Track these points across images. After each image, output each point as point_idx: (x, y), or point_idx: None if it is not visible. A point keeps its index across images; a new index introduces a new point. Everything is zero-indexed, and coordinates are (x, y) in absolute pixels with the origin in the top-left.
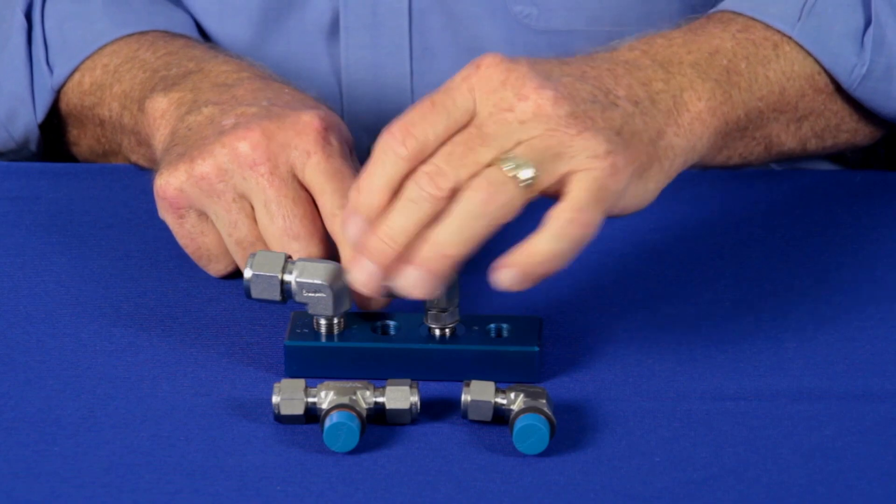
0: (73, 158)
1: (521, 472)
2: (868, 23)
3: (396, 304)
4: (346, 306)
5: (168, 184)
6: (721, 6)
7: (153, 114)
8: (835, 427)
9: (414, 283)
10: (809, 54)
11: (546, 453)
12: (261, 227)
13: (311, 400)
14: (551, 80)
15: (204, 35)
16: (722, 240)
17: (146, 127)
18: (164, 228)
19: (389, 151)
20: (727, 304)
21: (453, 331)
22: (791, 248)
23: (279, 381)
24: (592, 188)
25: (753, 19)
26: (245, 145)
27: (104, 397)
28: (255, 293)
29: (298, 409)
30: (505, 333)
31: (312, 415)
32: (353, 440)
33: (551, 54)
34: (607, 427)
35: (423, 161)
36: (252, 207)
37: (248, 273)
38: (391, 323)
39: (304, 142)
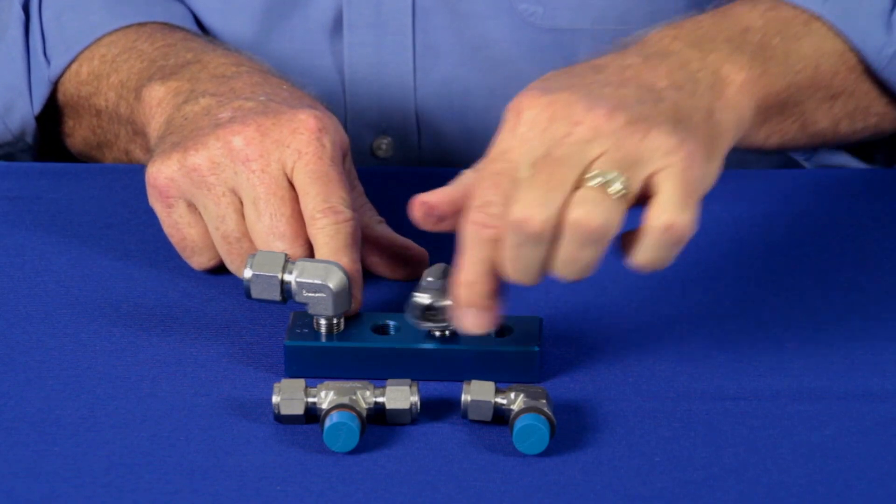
0: (67, 151)
1: (521, 472)
2: (895, 3)
3: (397, 305)
4: (346, 306)
5: (160, 172)
6: None
7: (150, 102)
8: (835, 427)
9: None
10: (838, 34)
11: (546, 453)
12: (248, 223)
13: (311, 400)
14: (595, 98)
15: (206, 32)
16: (722, 240)
17: (142, 115)
18: (163, 228)
19: (477, 237)
20: (727, 304)
21: (453, 331)
22: (791, 248)
23: (279, 381)
24: (680, 183)
25: (781, 0)
26: (239, 140)
27: (104, 397)
28: (255, 293)
29: (298, 409)
30: (505, 333)
31: (312, 415)
32: (353, 440)
33: (557, 53)
34: (607, 427)
35: None
36: (241, 202)
37: (248, 273)
38: (391, 323)
39: (297, 141)
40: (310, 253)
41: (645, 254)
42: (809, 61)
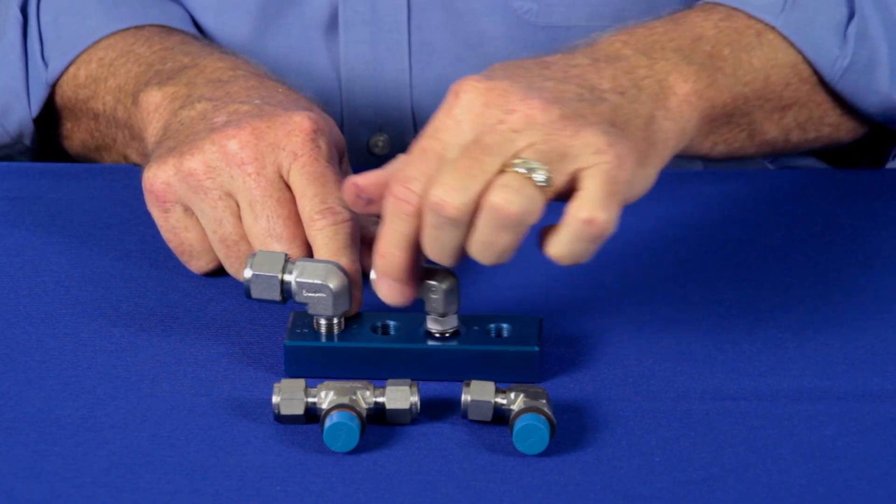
0: (65, 153)
1: (521, 472)
2: (851, 16)
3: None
4: (346, 306)
5: (156, 177)
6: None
7: (147, 107)
8: (835, 427)
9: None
10: (792, 45)
11: (546, 453)
12: (245, 226)
13: (311, 400)
14: (534, 89)
15: (202, 31)
16: (722, 240)
17: (139, 120)
18: None
19: (397, 212)
20: (727, 304)
21: (454, 331)
22: (791, 248)
23: (279, 381)
24: (605, 181)
25: (736, 9)
26: (234, 144)
27: (104, 397)
28: (255, 293)
29: (298, 409)
30: (505, 333)
31: (312, 415)
32: (353, 440)
33: (552, 50)
34: (607, 427)
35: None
36: (238, 206)
37: (248, 273)
38: (391, 323)
39: (292, 143)
40: (308, 254)
41: (562, 245)
42: (760, 73)
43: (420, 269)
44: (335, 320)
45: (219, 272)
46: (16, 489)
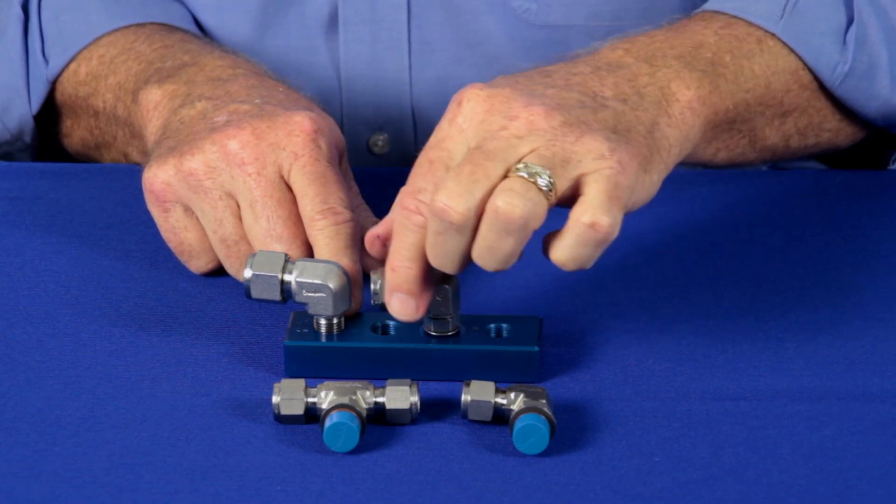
0: (65, 151)
1: (521, 472)
2: (850, 21)
3: None
4: (346, 306)
5: (156, 177)
6: (703, 7)
7: (146, 105)
8: (835, 427)
9: None
10: (792, 51)
11: (546, 453)
12: (245, 226)
13: (311, 400)
14: (536, 96)
15: (202, 30)
16: (722, 240)
17: (139, 118)
18: None
19: (407, 223)
20: (727, 304)
21: (454, 331)
22: (791, 248)
23: (279, 381)
24: (607, 187)
25: (736, 17)
26: (235, 144)
27: (104, 397)
28: (255, 293)
29: (298, 409)
30: (505, 333)
31: (312, 415)
32: (353, 440)
33: (550, 49)
34: (607, 427)
35: None
36: (238, 206)
37: (248, 273)
38: (391, 323)
39: (293, 143)
40: (308, 254)
41: (565, 250)
42: (760, 79)
43: (431, 281)
44: (335, 320)
45: (218, 272)
46: (16, 489)
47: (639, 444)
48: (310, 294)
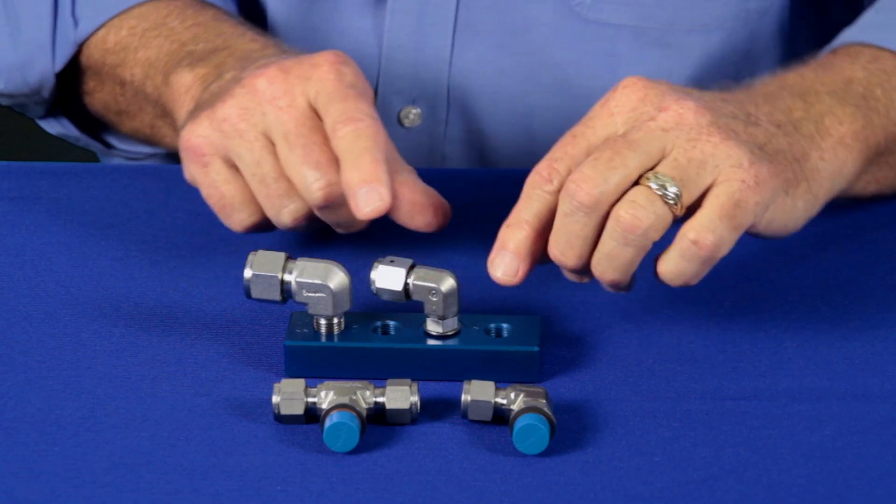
0: (83, 108)
1: (521, 472)
2: None
3: (397, 305)
4: (346, 306)
5: (192, 132)
6: (844, 38)
7: (178, 89)
8: (835, 427)
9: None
10: None
11: (546, 453)
12: (281, 159)
13: (311, 400)
14: (692, 96)
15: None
16: None
17: (170, 101)
18: (163, 228)
19: (536, 188)
20: (727, 304)
21: (454, 331)
22: (791, 249)
23: (279, 381)
24: (727, 205)
25: (881, 49)
26: (263, 81)
27: (104, 397)
28: (254, 293)
29: (298, 409)
30: (505, 333)
31: (312, 415)
32: (353, 440)
33: (595, 46)
34: (607, 427)
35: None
36: (273, 145)
37: (247, 273)
38: (391, 323)
39: (318, 72)
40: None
41: (669, 264)
42: None
43: (538, 257)
44: (335, 320)
45: (219, 271)
46: (16, 489)
47: (639, 444)
48: (310, 294)
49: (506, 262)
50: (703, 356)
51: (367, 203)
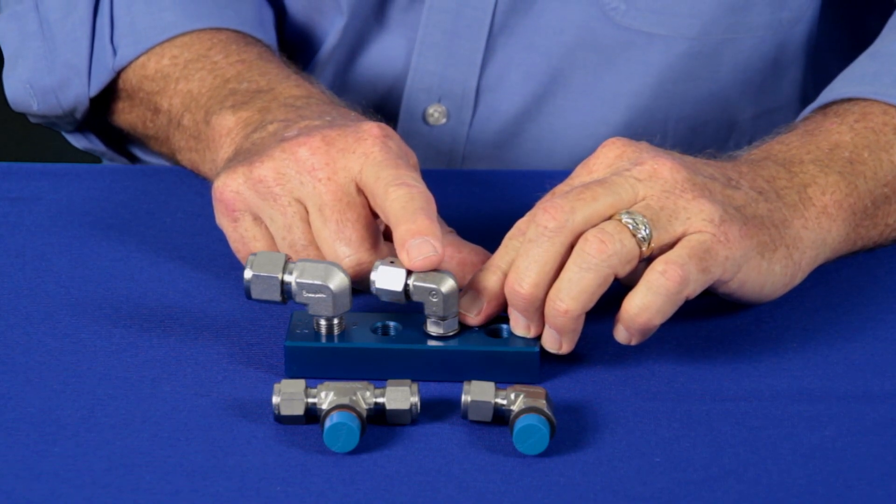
0: (112, 127)
1: (521, 472)
2: None
3: (397, 306)
4: (346, 306)
5: (225, 185)
6: (834, 91)
7: (220, 130)
8: (835, 427)
9: (548, 340)
10: None
11: (546, 453)
12: (314, 230)
13: (311, 400)
14: (670, 155)
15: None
16: None
17: (209, 140)
18: (163, 229)
19: (513, 239)
20: (727, 304)
21: (454, 332)
22: None
23: (279, 381)
24: (696, 248)
25: (869, 102)
26: (305, 151)
27: (104, 397)
28: (255, 294)
29: (298, 410)
30: (505, 333)
31: (312, 415)
32: (353, 440)
33: (625, 54)
34: (607, 427)
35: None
36: (307, 212)
37: (248, 273)
38: (391, 323)
39: (362, 146)
40: (378, 258)
41: (635, 297)
42: None
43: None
44: (335, 320)
45: (219, 271)
46: (16, 489)
47: (639, 444)
48: (310, 295)
49: (467, 299)
50: (703, 356)
51: (420, 252)
